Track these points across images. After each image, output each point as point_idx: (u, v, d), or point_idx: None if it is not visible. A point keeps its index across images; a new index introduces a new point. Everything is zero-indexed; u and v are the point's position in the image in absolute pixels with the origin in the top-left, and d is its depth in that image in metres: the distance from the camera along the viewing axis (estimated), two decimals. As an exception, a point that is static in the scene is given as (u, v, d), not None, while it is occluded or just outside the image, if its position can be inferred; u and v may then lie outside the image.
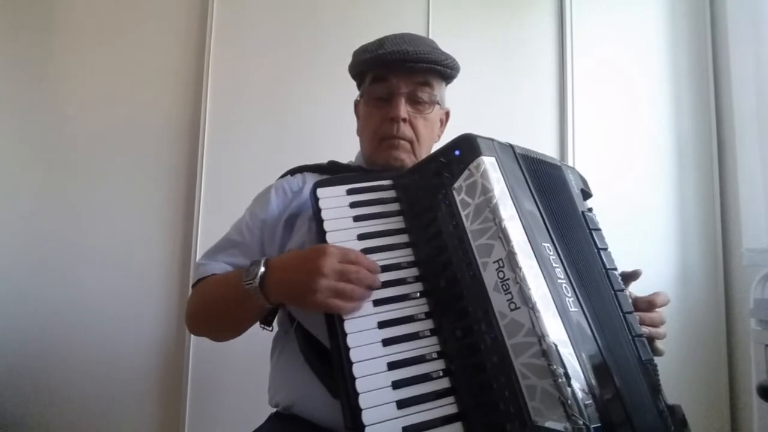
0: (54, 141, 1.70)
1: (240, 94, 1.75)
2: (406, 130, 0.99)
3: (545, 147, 1.76)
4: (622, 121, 1.87)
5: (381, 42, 1.03)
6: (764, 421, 1.52)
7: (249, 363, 1.55)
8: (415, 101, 1.00)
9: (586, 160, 1.79)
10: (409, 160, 1.00)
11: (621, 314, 0.78)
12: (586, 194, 0.95)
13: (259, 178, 1.12)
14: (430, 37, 1.78)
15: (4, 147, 1.69)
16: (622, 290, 0.82)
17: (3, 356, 1.59)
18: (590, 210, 0.92)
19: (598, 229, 0.87)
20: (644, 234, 1.79)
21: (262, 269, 0.79)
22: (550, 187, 0.85)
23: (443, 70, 1.01)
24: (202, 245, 1.64)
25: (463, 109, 1.76)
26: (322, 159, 1.10)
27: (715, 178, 1.84)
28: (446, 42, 1.77)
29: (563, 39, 1.87)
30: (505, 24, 1.87)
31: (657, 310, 0.86)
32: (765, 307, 1.51)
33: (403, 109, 0.98)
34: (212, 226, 1.62)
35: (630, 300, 0.83)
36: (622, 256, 0.88)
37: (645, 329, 0.81)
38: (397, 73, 0.99)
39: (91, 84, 1.73)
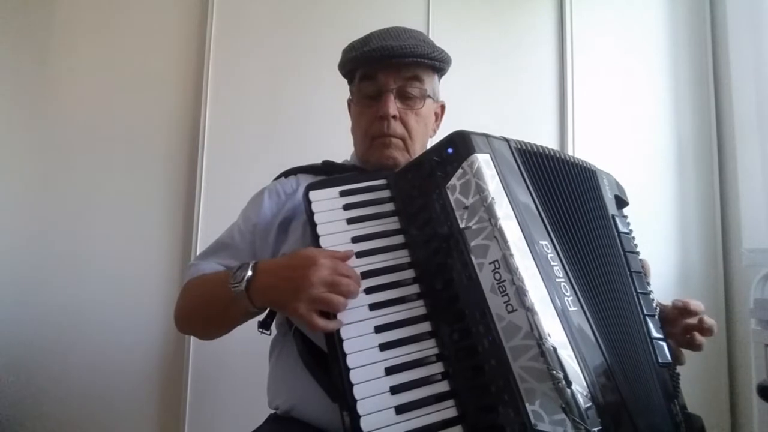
0: (53, 141, 1.69)
1: (240, 94, 1.74)
2: (397, 127, 0.97)
3: (545, 145, 1.75)
4: (622, 121, 1.86)
5: (366, 39, 1.01)
6: (764, 421, 1.52)
7: (249, 364, 1.55)
8: (405, 97, 0.98)
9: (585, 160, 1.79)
10: (402, 158, 0.98)
11: (641, 316, 0.77)
12: (622, 201, 0.93)
13: (260, 178, 1.11)
14: (431, 33, 1.79)
15: (3, 148, 1.68)
16: (647, 293, 0.80)
17: (2, 357, 1.59)
18: (625, 216, 0.90)
19: (627, 233, 0.86)
20: (644, 234, 1.76)
21: (250, 273, 0.78)
22: (556, 182, 0.82)
23: (432, 63, 0.98)
24: (201, 246, 1.63)
25: (463, 106, 1.76)
26: (325, 158, 1.09)
27: (715, 178, 1.84)
28: (446, 38, 1.80)
29: (563, 37, 1.86)
30: (505, 21, 1.87)
31: (708, 320, 0.82)
32: (765, 307, 1.50)
33: (393, 106, 0.96)
34: (212, 227, 1.61)
35: (655, 304, 0.81)
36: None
37: (699, 337, 0.80)
38: (384, 69, 0.97)
39: (90, 84, 1.72)
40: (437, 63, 0.99)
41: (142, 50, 1.76)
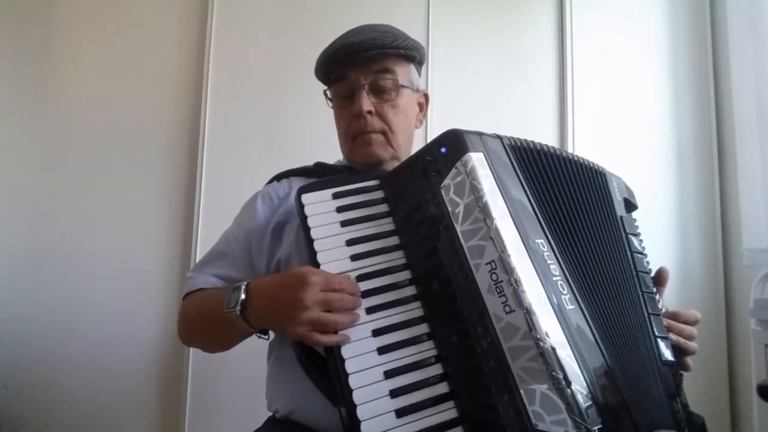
0: (53, 142, 1.69)
1: (240, 94, 1.74)
2: (374, 122, 0.97)
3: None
4: (621, 121, 1.86)
5: (333, 42, 1.01)
6: (764, 421, 1.52)
7: (249, 364, 1.52)
8: (378, 90, 0.97)
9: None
10: (386, 153, 0.98)
11: (646, 314, 0.77)
12: (631, 205, 0.92)
13: (260, 178, 1.11)
14: (431, 33, 1.79)
15: (3, 148, 1.68)
16: (652, 293, 0.80)
17: (1, 357, 1.59)
18: (634, 219, 0.90)
19: (636, 234, 0.86)
20: (644, 234, 1.76)
21: (243, 296, 0.77)
22: (553, 178, 0.81)
23: (397, 52, 0.97)
24: (201, 246, 1.64)
25: (463, 106, 1.76)
26: (324, 160, 1.09)
27: (715, 178, 1.83)
28: (446, 38, 1.80)
29: (563, 37, 1.86)
30: (505, 21, 1.86)
31: (688, 326, 0.82)
32: (765, 307, 1.50)
33: (366, 102, 0.95)
34: (212, 227, 1.61)
35: (660, 304, 0.81)
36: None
37: (672, 337, 0.79)
38: (353, 67, 0.97)
39: (90, 84, 1.73)
40: (403, 51, 0.98)
41: (142, 50, 1.76)
